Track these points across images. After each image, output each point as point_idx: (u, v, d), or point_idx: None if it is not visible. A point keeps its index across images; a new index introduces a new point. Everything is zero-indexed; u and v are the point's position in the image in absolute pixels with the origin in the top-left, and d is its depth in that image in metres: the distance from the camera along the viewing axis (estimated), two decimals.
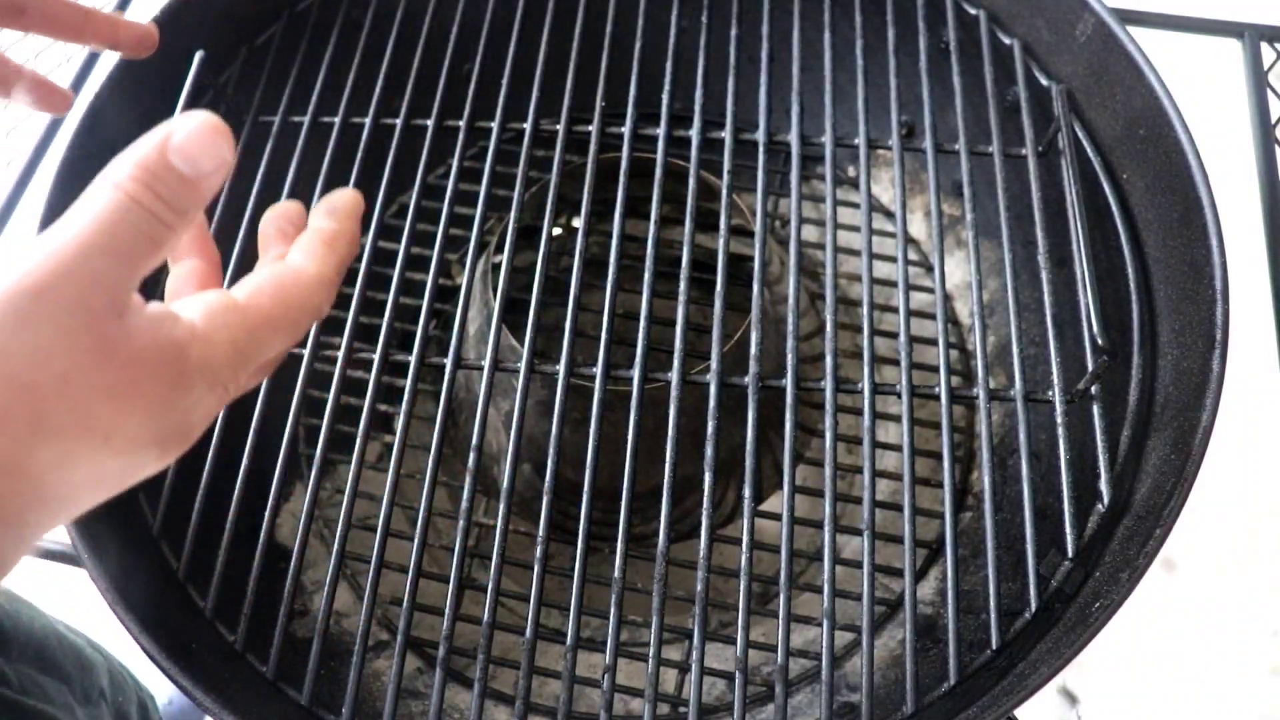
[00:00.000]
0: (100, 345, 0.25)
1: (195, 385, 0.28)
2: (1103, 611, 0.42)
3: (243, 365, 0.29)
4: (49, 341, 0.24)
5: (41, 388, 0.24)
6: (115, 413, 0.26)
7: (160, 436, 0.27)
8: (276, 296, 0.31)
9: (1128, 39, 0.55)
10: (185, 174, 0.27)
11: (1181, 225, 0.51)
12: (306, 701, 0.47)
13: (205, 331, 0.28)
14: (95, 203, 0.26)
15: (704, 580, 0.45)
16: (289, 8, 0.63)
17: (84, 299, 0.25)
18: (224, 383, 0.29)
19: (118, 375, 0.26)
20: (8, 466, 0.24)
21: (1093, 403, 0.48)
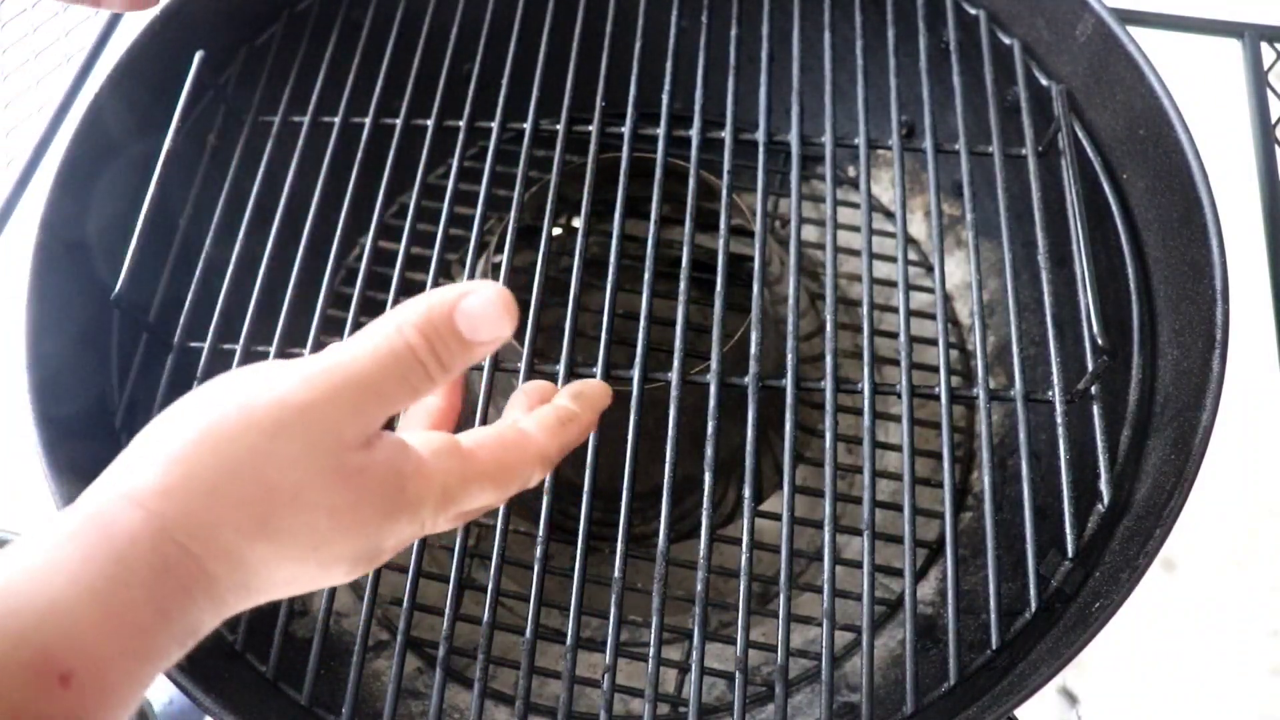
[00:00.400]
0: (338, 470, 0.27)
1: (402, 516, 0.29)
2: (1103, 611, 0.42)
3: (445, 508, 0.31)
4: (298, 456, 0.26)
5: (278, 493, 0.26)
6: (331, 529, 0.28)
7: (357, 556, 0.29)
8: (496, 456, 0.32)
9: (1128, 39, 0.55)
10: (465, 338, 0.29)
11: (1181, 225, 0.51)
12: (306, 701, 0.47)
13: (427, 470, 0.30)
14: (377, 340, 0.28)
15: (704, 580, 0.45)
16: (289, 8, 0.63)
17: (340, 427, 0.27)
18: (424, 520, 0.30)
19: (344, 498, 0.28)
20: (229, 553, 0.26)
21: (1093, 403, 0.48)
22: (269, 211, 0.54)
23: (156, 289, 0.53)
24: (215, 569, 0.26)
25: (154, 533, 0.25)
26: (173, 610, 0.25)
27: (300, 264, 0.52)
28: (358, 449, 0.28)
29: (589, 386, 0.38)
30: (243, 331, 0.51)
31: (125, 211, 0.52)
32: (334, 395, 0.27)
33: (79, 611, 0.23)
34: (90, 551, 0.24)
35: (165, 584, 0.25)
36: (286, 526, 0.27)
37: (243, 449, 0.26)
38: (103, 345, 0.54)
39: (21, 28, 0.92)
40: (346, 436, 0.27)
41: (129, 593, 0.24)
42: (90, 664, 0.23)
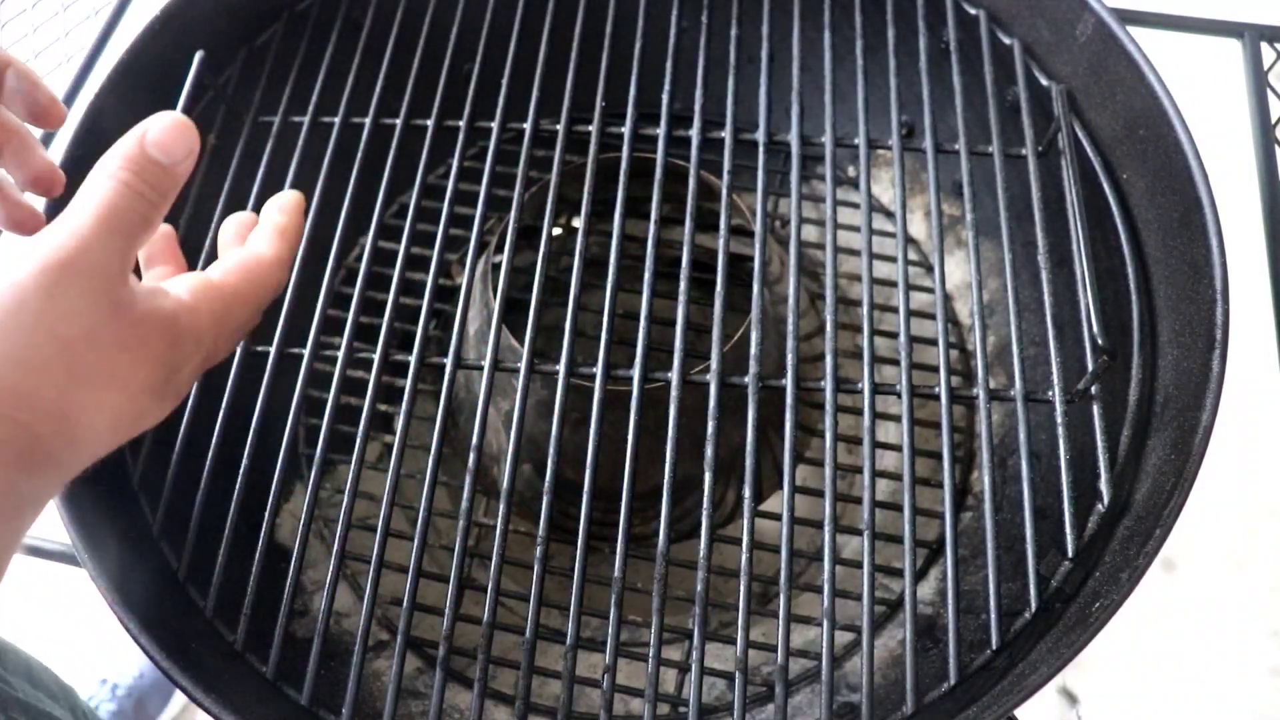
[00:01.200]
0: (115, 306, 0.30)
1: (186, 346, 0.33)
2: (1103, 611, 0.42)
3: (221, 332, 0.35)
4: (78, 304, 0.29)
5: (75, 342, 0.29)
6: (130, 364, 0.31)
7: (161, 390, 0.33)
8: (244, 276, 0.37)
9: (1128, 39, 0.55)
10: (163, 162, 0.32)
11: (1181, 225, 0.51)
12: (306, 702, 0.47)
13: (190, 304, 0.34)
14: (97, 189, 0.31)
15: (704, 580, 0.45)
16: (289, 8, 0.63)
17: (102, 268, 0.30)
18: (207, 346, 0.35)
19: (130, 332, 0.31)
20: (50, 410, 0.29)
21: (1093, 403, 0.48)
22: None
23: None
24: (43, 429, 0.29)
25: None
26: (18, 478, 0.28)
27: (300, 264, 0.52)
28: (124, 285, 0.31)
29: (284, 196, 0.42)
30: None
31: None
32: (88, 244, 0.30)
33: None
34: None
35: (3, 454, 0.28)
36: (91, 370, 0.30)
37: (29, 316, 0.28)
38: None
39: (21, 28, 0.92)
40: (111, 275, 0.30)
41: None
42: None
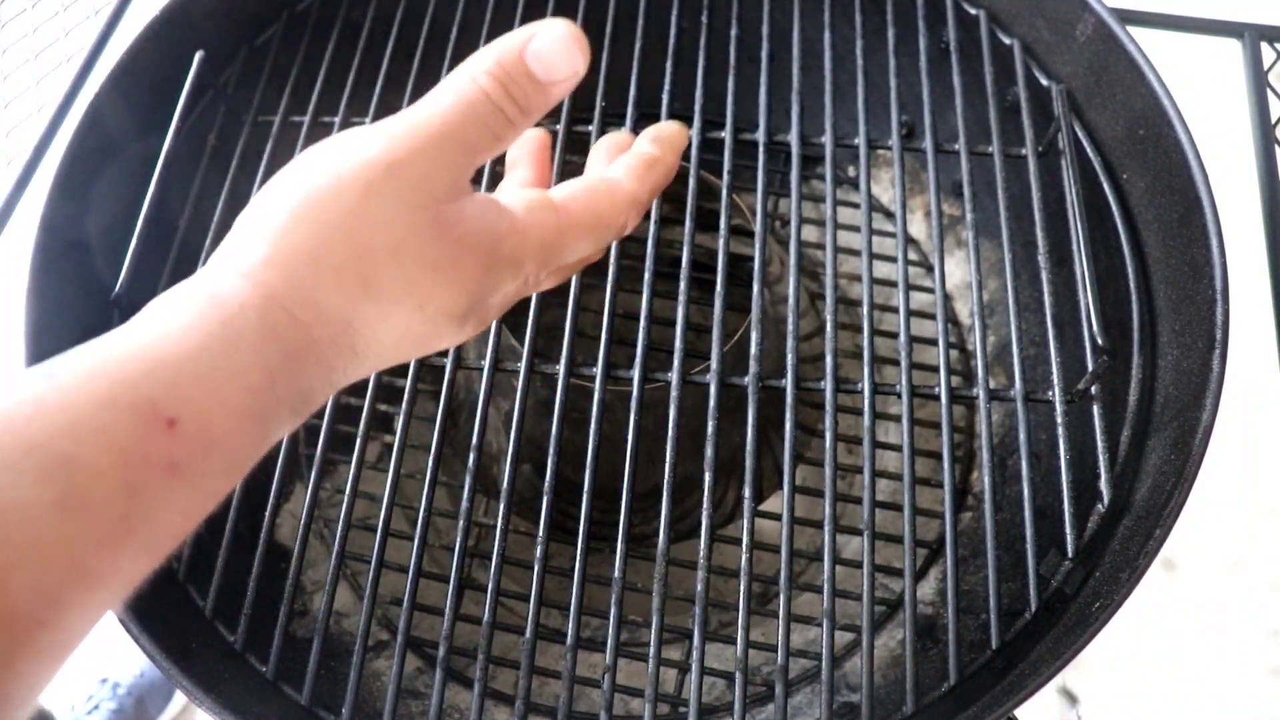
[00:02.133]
0: (434, 223, 0.28)
1: (503, 272, 0.30)
2: (1103, 611, 0.42)
3: (545, 263, 0.31)
4: (392, 213, 0.27)
5: (377, 252, 0.27)
6: (433, 284, 0.28)
7: (463, 313, 0.30)
8: (589, 205, 0.33)
9: (1128, 39, 0.55)
10: (539, 77, 0.29)
11: (1181, 225, 0.51)
12: (306, 701, 0.47)
13: (521, 225, 0.30)
14: (453, 92, 0.28)
15: (704, 580, 0.45)
16: (289, 8, 0.63)
17: (429, 180, 0.27)
18: (526, 275, 0.31)
19: (443, 252, 0.28)
20: (333, 316, 0.27)
21: (1093, 403, 0.48)
22: None
23: (156, 289, 0.53)
24: (321, 333, 0.27)
25: (261, 301, 0.26)
26: (279, 373, 0.26)
27: None
28: (449, 202, 0.28)
29: (665, 128, 0.37)
30: None
31: (125, 211, 0.52)
32: (419, 149, 0.27)
33: (185, 367, 0.24)
34: (199, 318, 0.25)
35: (272, 348, 0.26)
36: (388, 284, 0.27)
37: (337, 214, 0.27)
38: None
39: (21, 28, 0.92)
40: (437, 190, 0.28)
41: (236, 354, 0.25)
42: (195, 414, 0.24)
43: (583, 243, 0.32)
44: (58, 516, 0.21)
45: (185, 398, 0.24)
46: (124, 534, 0.23)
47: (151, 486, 0.23)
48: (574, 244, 0.32)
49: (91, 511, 0.22)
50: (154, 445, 0.23)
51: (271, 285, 0.26)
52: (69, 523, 0.22)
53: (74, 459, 0.22)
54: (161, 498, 0.24)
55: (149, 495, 0.23)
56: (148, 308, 0.26)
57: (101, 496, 0.22)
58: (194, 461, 0.24)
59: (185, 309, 0.25)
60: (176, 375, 0.24)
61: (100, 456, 0.22)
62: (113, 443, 0.23)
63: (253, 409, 0.25)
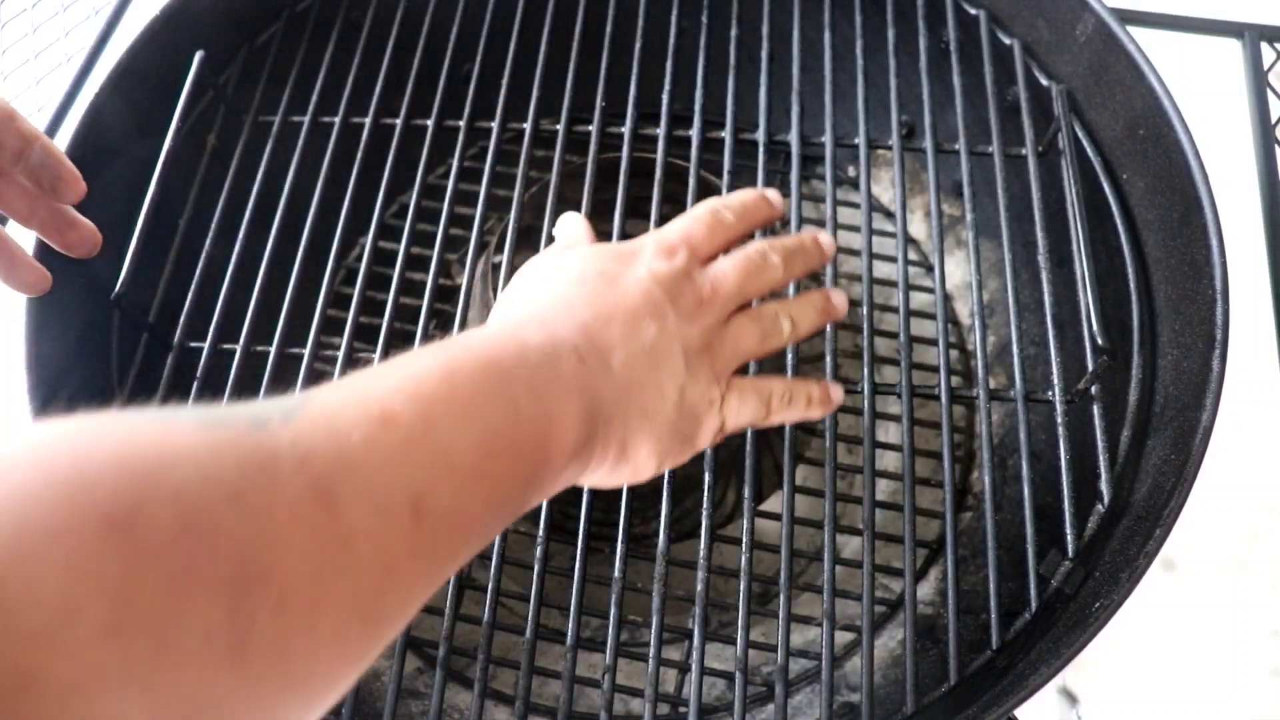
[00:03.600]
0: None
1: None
2: (1103, 611, 0.42)
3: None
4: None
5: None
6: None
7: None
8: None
9: (1128, 39, 0.55)
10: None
11: (1181, 225, 0.51)
12: None
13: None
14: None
15: (704, 580, 0.45)
16: (289, 8, 0.63)
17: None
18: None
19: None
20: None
21: (1093, 403, 0.48)
22: (269, 212, 0.54)
23: (156, 289, 0.53)
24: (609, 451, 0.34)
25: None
26: (569, 466, 0.32)
27: (300, 264, 0.52)
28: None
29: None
30: (243, 331, 0.51)
31: (125, 212, 0.52)
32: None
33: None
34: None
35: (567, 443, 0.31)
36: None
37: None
38: (103, 345, 0.54)
39: (21, 28, 0.92)
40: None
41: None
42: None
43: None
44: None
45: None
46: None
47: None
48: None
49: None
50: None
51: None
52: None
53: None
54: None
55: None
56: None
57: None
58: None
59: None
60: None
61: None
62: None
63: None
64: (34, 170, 0.43)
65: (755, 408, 0.39)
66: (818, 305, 0.42)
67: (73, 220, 0.46)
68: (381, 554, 0.23)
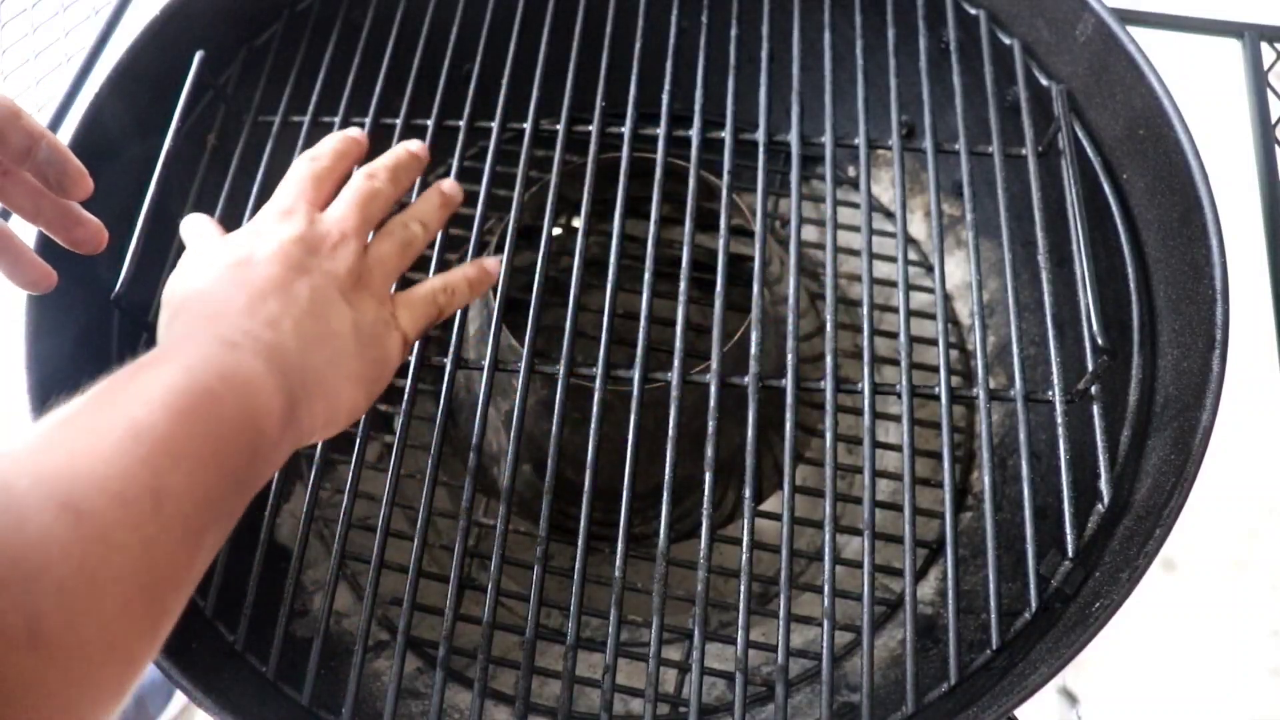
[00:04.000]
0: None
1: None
2: (1103, 611, 0.42)
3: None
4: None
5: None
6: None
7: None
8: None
9: (1128, 39, 0.55)
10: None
11: (1181, 225, 0.51)
12: (306, 701, 0.47)
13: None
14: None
15: (704, 580, 0.45)
16: (289, 8, 0.63)
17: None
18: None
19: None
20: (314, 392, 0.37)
21: (1093, 403, 0.48)
22: None
23: (156, 289, 0.53)
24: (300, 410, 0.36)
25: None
26: (281, 434, 0.34)
27: None
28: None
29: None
30: None
31: (125, 212, 0.52)
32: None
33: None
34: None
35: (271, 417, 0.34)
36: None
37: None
38: (103, 345, 0.54)
39: (21, 28, 0.92)
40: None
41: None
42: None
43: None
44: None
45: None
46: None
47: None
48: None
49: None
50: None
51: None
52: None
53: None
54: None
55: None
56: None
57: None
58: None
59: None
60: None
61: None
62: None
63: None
64: (41, 168, 0.43)
65: (425, 310, 0.43)
66: (435, 202, 0.45)
67: (79, 217, 0.46)
68: (136, 534, 0.26)
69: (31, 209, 0.44)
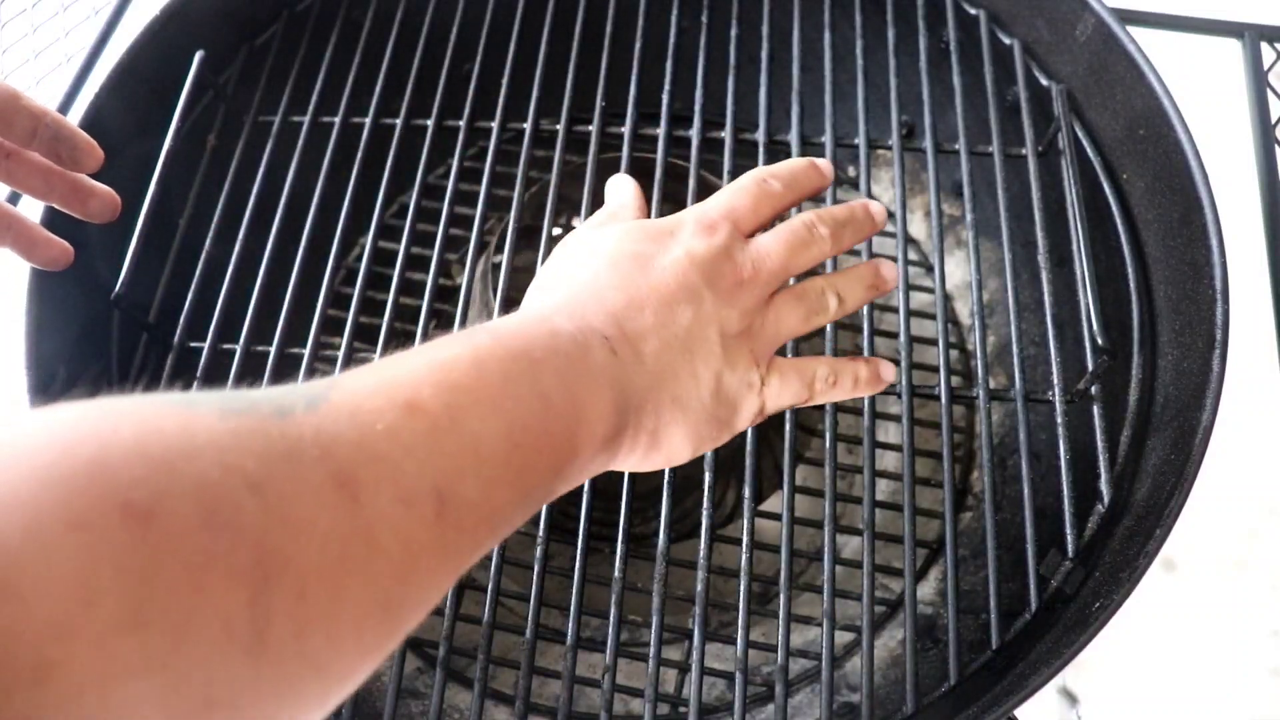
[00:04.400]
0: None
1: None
2: (1103, 611, 0.42)
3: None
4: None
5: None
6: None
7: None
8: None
9: (1128, 39, 0.55)
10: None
11: (1181, 225, 0.51)
12: None
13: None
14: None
15: (704, 580, 0.45)
16: (289, 8, 0.63)
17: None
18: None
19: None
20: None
21: (1093, 403, 0.48)
22: (269, 211, 0.54)
23: (156, 289, 0.53)
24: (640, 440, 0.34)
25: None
26: (597, 456, 0.32)
27: (300, 264, 0.52)
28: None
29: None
30: (243, 331, 0.51)
31: (125, 211, 0.52)
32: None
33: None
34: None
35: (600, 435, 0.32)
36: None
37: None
38: (103, 345, 0.54)
39: (21, 28, 0.92)
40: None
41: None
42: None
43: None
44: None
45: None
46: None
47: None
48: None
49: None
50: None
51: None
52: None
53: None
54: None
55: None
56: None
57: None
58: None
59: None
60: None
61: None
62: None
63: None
64: (50, 145, 0.42)
65: (797, 390, 0.38)
66: (866, 280, 0.40)
67: (91, 188, 0.46)
68: (404, 545, 0.23)
69: (43, 187, 0.44)
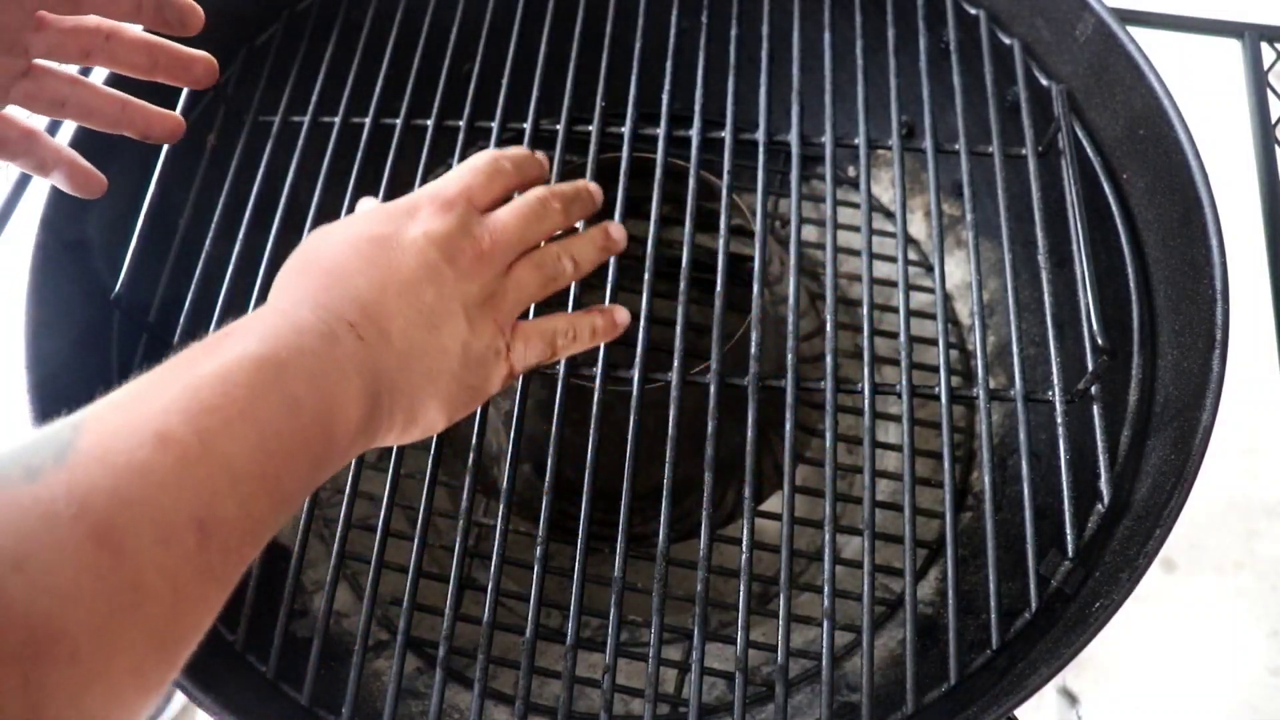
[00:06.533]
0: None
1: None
2: (1103, 611, 0.42)
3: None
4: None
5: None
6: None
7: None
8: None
9: (1128, 39, 0.55)
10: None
11: (1181, 225, 0.51)
12: (306, 701, 0.47)
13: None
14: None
15: (704, 580, 0.45)
16: (289, 8, 0.63)
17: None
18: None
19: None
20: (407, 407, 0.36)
21: (1093, 403, 0.48)
22: (269, 211, 0.54)
23: (156, 289, 0.53)
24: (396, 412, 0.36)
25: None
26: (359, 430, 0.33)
27: None
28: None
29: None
30: None
31: (125, 211, 0.52)
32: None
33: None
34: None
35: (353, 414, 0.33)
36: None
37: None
38: (103, 345, 0.54)
39: None
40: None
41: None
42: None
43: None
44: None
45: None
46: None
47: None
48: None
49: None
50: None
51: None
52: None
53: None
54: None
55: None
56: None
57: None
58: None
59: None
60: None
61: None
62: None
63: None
64: (156, 14, 0.44)
65: (540, 349, 0.41)
66: (598, 242, 0.43)
67: (192, 56, 0.47)
68: (171, 582, 0.24)
69: (147, 63, 0.45)
